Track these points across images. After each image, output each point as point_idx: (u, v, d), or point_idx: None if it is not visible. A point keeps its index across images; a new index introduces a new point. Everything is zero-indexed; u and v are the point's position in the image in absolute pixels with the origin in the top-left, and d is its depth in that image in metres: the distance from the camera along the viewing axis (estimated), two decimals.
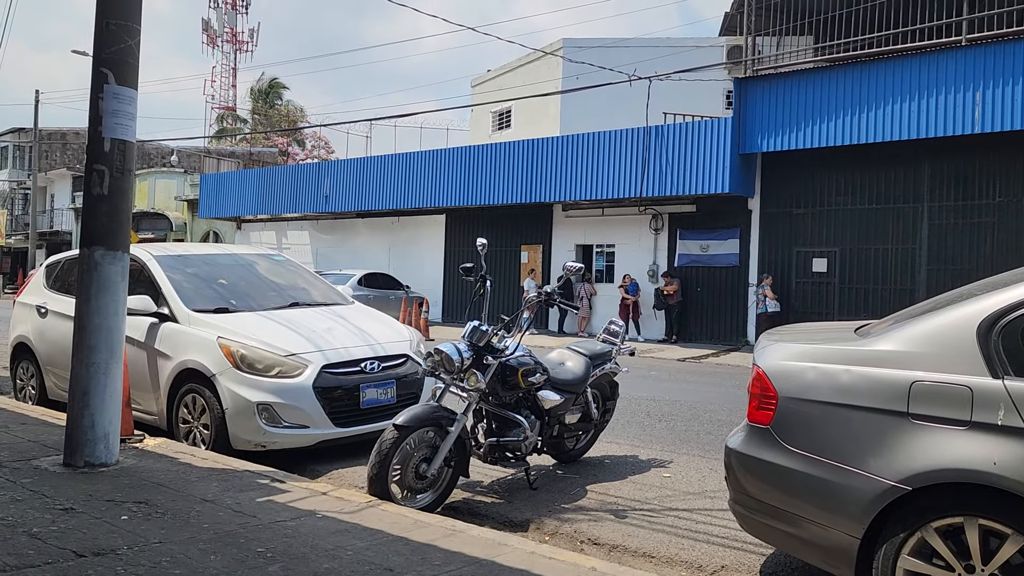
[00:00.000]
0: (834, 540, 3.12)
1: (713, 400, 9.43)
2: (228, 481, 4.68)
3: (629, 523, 4.63)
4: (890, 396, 3.04)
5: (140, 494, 4.33)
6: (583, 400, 5.69)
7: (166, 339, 6.08)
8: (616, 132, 17.54)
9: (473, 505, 4.95)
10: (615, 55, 21.34)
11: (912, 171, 15.16)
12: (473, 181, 20.26)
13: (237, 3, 52.50)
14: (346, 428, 5.80)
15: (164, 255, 6.83)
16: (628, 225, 19.09)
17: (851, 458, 3.09)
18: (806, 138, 15.28)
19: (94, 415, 4.80)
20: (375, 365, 6.02)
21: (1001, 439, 2.79)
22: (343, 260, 24.61)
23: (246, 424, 5.54)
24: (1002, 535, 2.78)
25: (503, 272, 20.87)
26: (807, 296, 16.37)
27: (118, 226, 4.92)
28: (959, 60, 13.67)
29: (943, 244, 14.88)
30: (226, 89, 51.63)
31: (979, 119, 13.45)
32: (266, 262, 7.63)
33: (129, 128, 4.91)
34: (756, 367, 3.51)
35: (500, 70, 28.76)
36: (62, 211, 40.51)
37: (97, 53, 4.86)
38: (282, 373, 5.65)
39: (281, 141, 44.34)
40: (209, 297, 6.50)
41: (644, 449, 6.56)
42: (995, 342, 2.91)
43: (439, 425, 4.62)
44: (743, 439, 3.51)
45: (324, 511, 4.15)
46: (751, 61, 16.31)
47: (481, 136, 28.00)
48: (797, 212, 16.52)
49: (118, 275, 4.91)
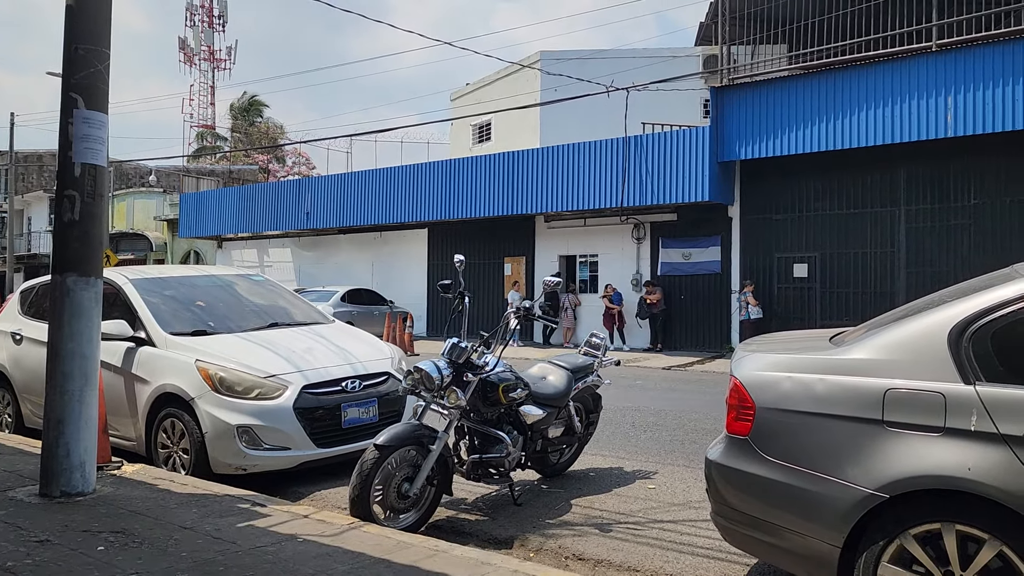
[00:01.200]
0: (815, 549, 3.12)
1: (698, 408, 9.45)
2: (208, 507, 4.62)
3: (614, 537, 4.62)
4: (865, 404, 3.06)
5: (117, 523, 4.26)
6: (566, 414, 5.68)
7: (143, 363, 6.02)
8: (596, 143, 17.62)
9: (457, 523, 4.91)
10: (593, 67, 21.49)
11: (888, 175, 15.32)
12: (455, 194, 20.28)
13: (214, 21, 52.41)
14: (328, 448, 5.75)
15: (140, 278, 6.77)
16: (610, 235, 19.16)
17: (829, 467, 3.10)
18: (783, 145, 15.42)
19: (69, 443, 4.73)
20: (356, 384, 5.98)
21: (974, 445, 2.81)
22: (326, 276, 24.53)
23: (226, 447, 5.48)
24: (979, 540, 2.79)
25: (487, 284, 20.86)
26: (789, 301, 16.46)
27: (90, 251, 4.87)
28: (930, 65, 13.85)
29: (921, 247, 15.02)
30: (204, 108, 51.47)
31: (952, 123, 13.61)
32: (245, 282, 7.57)
33: (100, 153, 4.87)
34: (733, 378, 3.51)
35: (479, 83, 28.89)
36: (39, 234, 40.07)
37: (66, 78, 4.82)
38: (262, 395, 5.60)
39: (261, 158, 44.18)
40: (187, 319, 6.45)
41: (629, 461, 6.55)
42: (966, 348, 2.93)
43: (420, 444, 4.59)
44: (723, 451, 3.51)
45: (305, 535, 4.11)
46: (727, 70, 16.44)
47: (462, 149, 28.06)
48: (777, 218, 16.64)
49: (91, 301, 4.86)
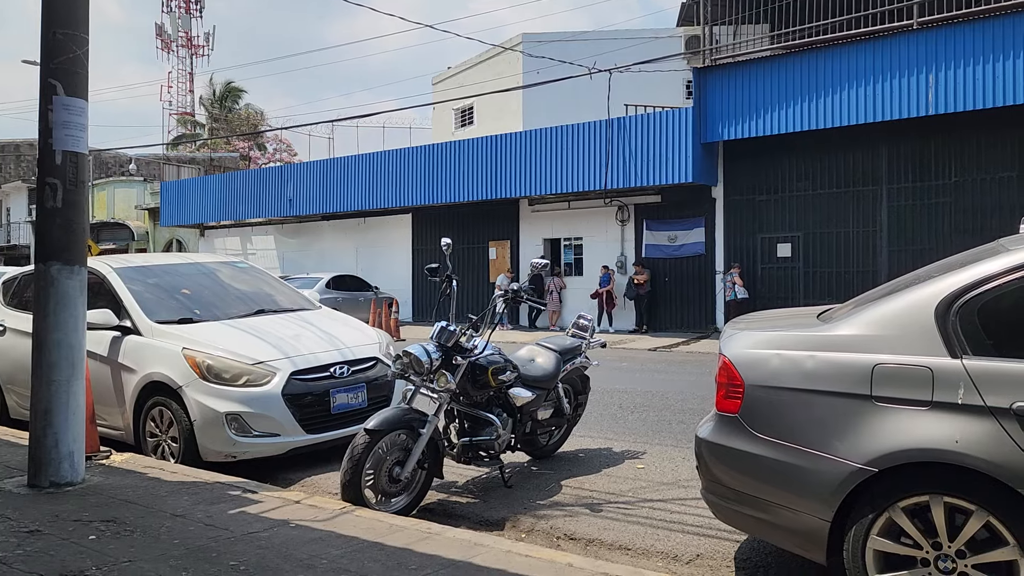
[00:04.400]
0: (805, 524, 3.16)
1: (685, 389, 9.51)
2: (198, 494, 4.61)
3: (604, 516, 4.65)
4: (853, 380, 3.09)
5: (108, 512, 4.25)
6: (555, 396, 5.70)
7: (130, 352, 5.97)
8: (579, 125, 17.60)
9: (448, 506, 4.93)
10: (575, 49, 21.42)
11: (870, 154, 15.42)
12: (438, 179, 20.19)
13: (191, 7, 51.75)
14: (318, 434, 5.74)
15: (124, 267, 6.71)
16: (595, 217, 19.18)
17: (818, 442, 3.13)
18: (765, 125, 15.46)
19: (57, 434, 4.70)
20: (344, 369, 5.97)
21: (962, 417, 2.84)
22: (310, 263, 24.39)
23: (215, 435, 5.46)
24: (967, 511, 2.83)
25: (472, 269, 20.84)
26: (773, 281, 16.57)
27: (74, 239, 4.81)
28: (911, 44, 13.91)
29: (903, 225, 15.14)
30: (183, 95, 50.90)
31: (932, 101, 13.70)
32: (230, 269, 7.52)
33: (81, 139, 4.81)
34: (722, 356, 3.53)
35: (460, 67, 28.71)
36: (19, 225, 39.52)
37: (45, 64, 4.74)
38: (250, 382, 5.58)
39: (242, 145, 43.76)
40: (172, 308, 6.40)
41: (617, 441, 6.59)
42: (952, 322, 2.96)
43: (411, 428, 4.60)
44: (712, 428, 3.53)
45: (297, 520, 4.11)
46: (709, 51, 16.43)
47: (444, 134, 27.93)
48: (760, 199, 16.71)
49: (76, 289, 4.81)
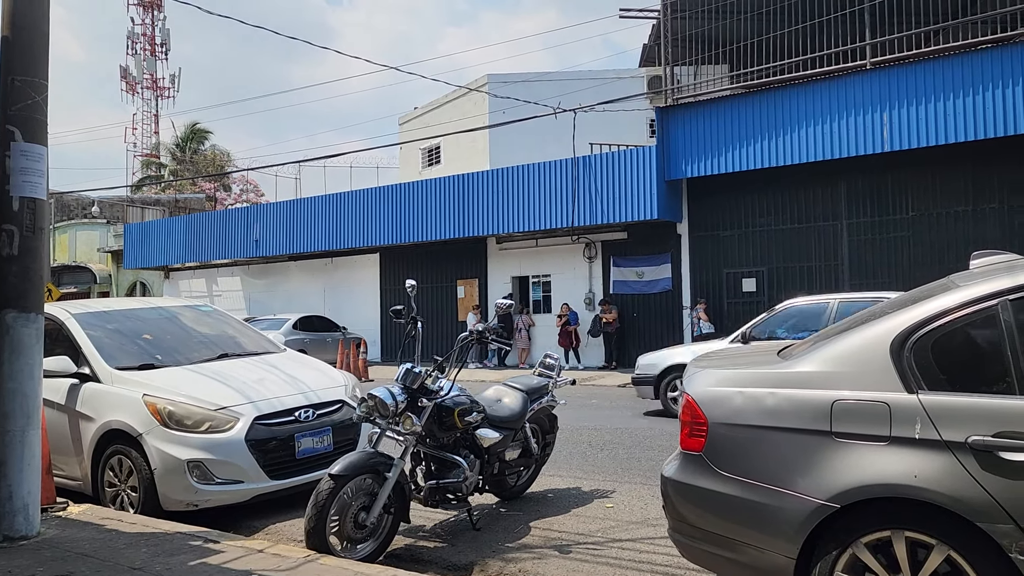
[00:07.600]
0: (771, 562, 3.16)
1: (654, 425, 9.52)
2: (158, 545, 4.50)
3: (573, 558, 4.61)
4: (813, 416, 3.12)
5: (63, 567, 4.12)
6: (522, 436, 5.68)
7: (88, 400, 5.84)
8: (545, 164, 17.79)
9: (416, 551, 4.86)
10: (540, 89, 21.74)
11: (829, 190, 15.77)
12: (405, 218, 20.22)
13: (156, 49, 51.72)
14: (282, 480, 5.64)
15: (83, 312, 6.59)
16: (562, 255, 19.30)
17: (781, 479, 3.14)
18: (727, 163, 15.76)
19: (11, 486, 4.57)
20: (309, 413, 5.89)
21: (920, 452, 2.88)
22: (277, 304, 24.17)
23: (176, 483, 5.34)
24: (928, 546, 2.85)
25: (440, 307, 20.80)
26: (739, 316, 16.68)
27: (30, 287, 4.73)
28: (865, 83, 14.34)
29: (863, 259, 15.45)
30: (148, 136, 50.62)
31: (888, 138, 14.10)
32: (192, 313, 7.42)
33: (39, 186, 4.75)
34: (686, 395, 3.55)
35: (427, 107, 28.97)
36: None
37: (2, 110, 4.70)
38: (212, 428, 5.48)
39: (209, 187, 43.50)
40: (133, 353, 6.29)
41: (587, 480, 6.56)
42: (907, 358, 3.01)
43: (376, 471, 4.54)
44: (678, 467, 3.54)
45: (260, 570, 4.02)
46: (671, 91, 16.77)
47: (411, 173, 28.05)
48: (725, 235, 16.96)
49: (32, 337, 4.72)
